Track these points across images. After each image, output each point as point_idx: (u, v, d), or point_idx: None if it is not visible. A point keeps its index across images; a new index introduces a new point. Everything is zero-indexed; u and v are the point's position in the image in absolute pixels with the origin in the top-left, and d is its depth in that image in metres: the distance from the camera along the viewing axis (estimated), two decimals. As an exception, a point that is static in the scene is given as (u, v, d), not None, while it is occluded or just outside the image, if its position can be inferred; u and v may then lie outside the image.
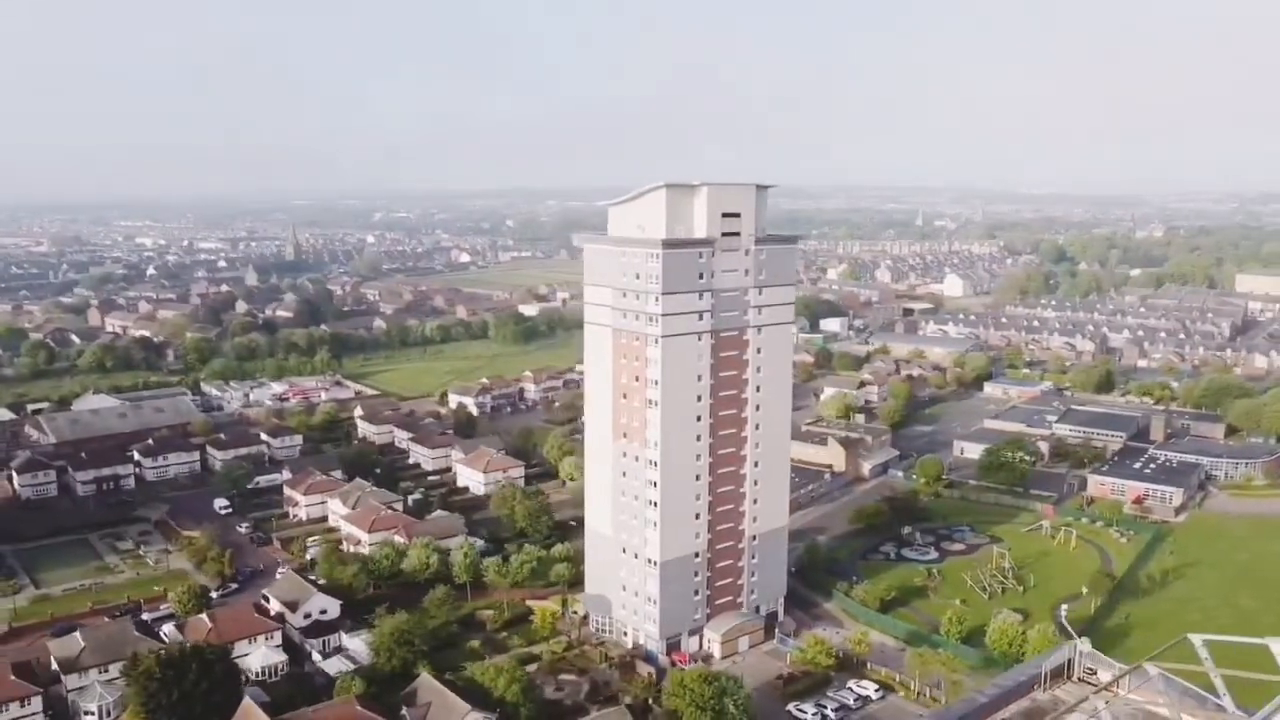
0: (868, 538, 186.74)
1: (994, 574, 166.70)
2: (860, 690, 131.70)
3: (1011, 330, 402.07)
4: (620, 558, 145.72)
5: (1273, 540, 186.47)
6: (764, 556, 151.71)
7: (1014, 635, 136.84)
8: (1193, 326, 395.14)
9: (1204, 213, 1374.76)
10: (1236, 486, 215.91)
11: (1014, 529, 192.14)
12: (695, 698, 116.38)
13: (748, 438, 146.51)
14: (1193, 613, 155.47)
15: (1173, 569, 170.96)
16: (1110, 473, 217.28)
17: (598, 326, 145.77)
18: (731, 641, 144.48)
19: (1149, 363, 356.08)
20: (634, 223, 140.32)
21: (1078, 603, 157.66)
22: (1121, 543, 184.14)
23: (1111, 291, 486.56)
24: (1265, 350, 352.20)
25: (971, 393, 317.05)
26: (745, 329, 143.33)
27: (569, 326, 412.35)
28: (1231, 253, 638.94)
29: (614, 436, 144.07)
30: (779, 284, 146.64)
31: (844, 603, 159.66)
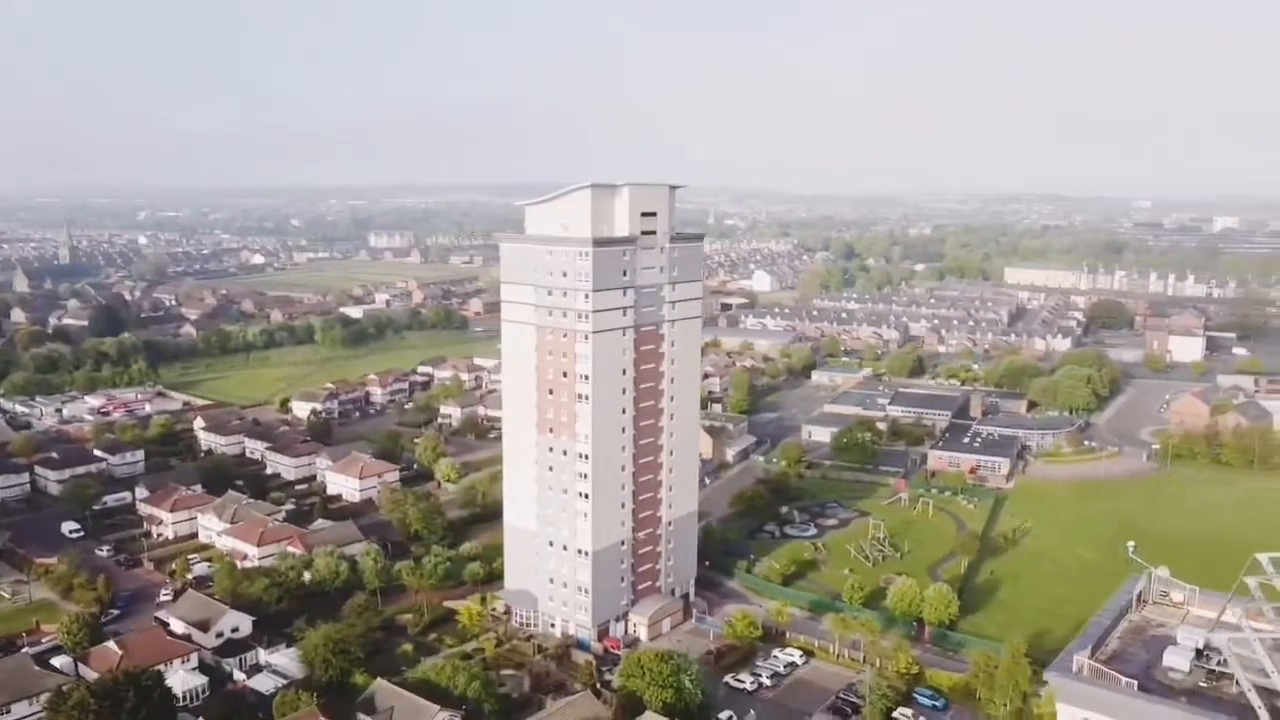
0: (751, 519, 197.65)
1: (873, 543, 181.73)
2: (786, 657, 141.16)
3: (823, 322, 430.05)
4: (547, 550, 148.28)
5: (1091, 499, 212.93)
6: (678, 541, 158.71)
7: (912, 596, 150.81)
8: (977, 315, 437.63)
9: (954, 211, 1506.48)
10: (1049, 454, 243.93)
11: (876, 502, 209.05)
12: (655, 677, 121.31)
13: (664, 428, 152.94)
14: (1045, 565, 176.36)
15: (1017, 529, 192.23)
16: (945, 447, 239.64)
17: (518, 324, 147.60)
18: (656, 624, 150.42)
19: (946, 348, 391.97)
20: (557, 222, 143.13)
21: (950, 562, 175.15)
22: (970, 509, 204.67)
23: (902, 285, 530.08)
24: (1041, 334, 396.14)
25: (801, 381, 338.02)
26: (661, 324, 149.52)
27: (399, 328, 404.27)
28: (994, 248, 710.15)
29: (539, 431, 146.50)
30: (689, 280, 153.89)
31: (746, 580, 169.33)
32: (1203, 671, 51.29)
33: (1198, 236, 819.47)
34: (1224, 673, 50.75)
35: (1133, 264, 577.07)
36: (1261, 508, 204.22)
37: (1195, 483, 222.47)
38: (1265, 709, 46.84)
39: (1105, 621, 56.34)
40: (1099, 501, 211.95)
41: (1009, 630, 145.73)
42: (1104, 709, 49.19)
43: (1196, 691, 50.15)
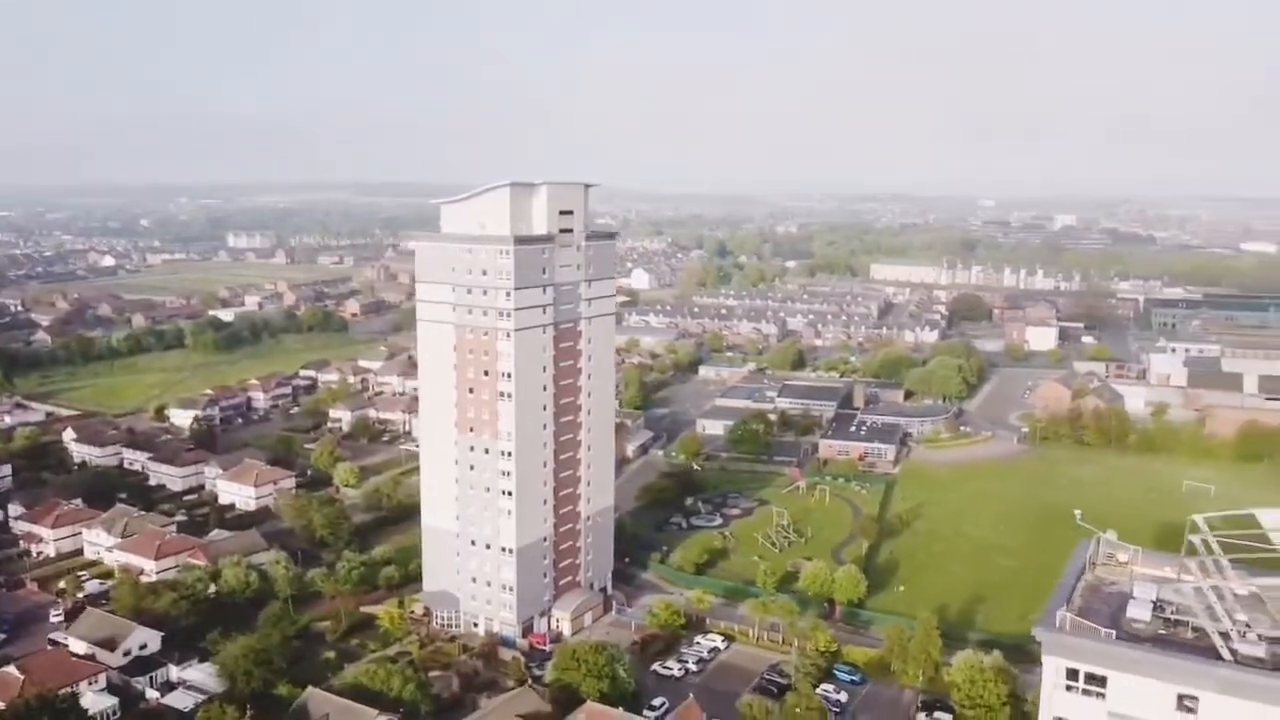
0: (658, 511, 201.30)
1: (777, 530, 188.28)
2: (709, 643, 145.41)
3: (704, 319, 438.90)
4: (469, 550, 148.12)
5: (971, 481, 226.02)
6: (597, 535, 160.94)
7: (823, 578, 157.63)
8: (849, 310, 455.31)
9: (814, 211, 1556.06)
10: (930, 440, 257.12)
11: (775, 491, 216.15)
12: (591, 668, 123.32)
13: (582, 424, 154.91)
14: (938, 543, 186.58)
15: (909, 511, 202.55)
16: (834, 437, 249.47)
17: (436, 324, 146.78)
18: (579, 618, 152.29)
19: (823, 342, 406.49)
20: (474, 220, 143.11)
21: (851, 545, 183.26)
22: (863, 494, 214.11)
23: (775, 281, 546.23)
24: (910, 327, 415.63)
25: (689, 376, 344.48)
26: (579, 321, 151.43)
27: (275, 331, 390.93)
28: (859, 245, 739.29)
29: (459, 431, 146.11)
30: (604, 277, 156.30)
31: (661, 571, 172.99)
32: (1160, 620, 57.16)
33: (1041, 234, 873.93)
34: (1179, 620, 56.75)
35: (987, 259, 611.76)
36: (1122, 482, 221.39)
37: (1062, 462, 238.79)
38: (1224, 648, 52.92)
39: (1070, 582, 61.80)
40: (979, 482, 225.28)
41: (912, 606, 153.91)
42: (1089, 658, 54.33)
43: (1158, 638, 55.92)
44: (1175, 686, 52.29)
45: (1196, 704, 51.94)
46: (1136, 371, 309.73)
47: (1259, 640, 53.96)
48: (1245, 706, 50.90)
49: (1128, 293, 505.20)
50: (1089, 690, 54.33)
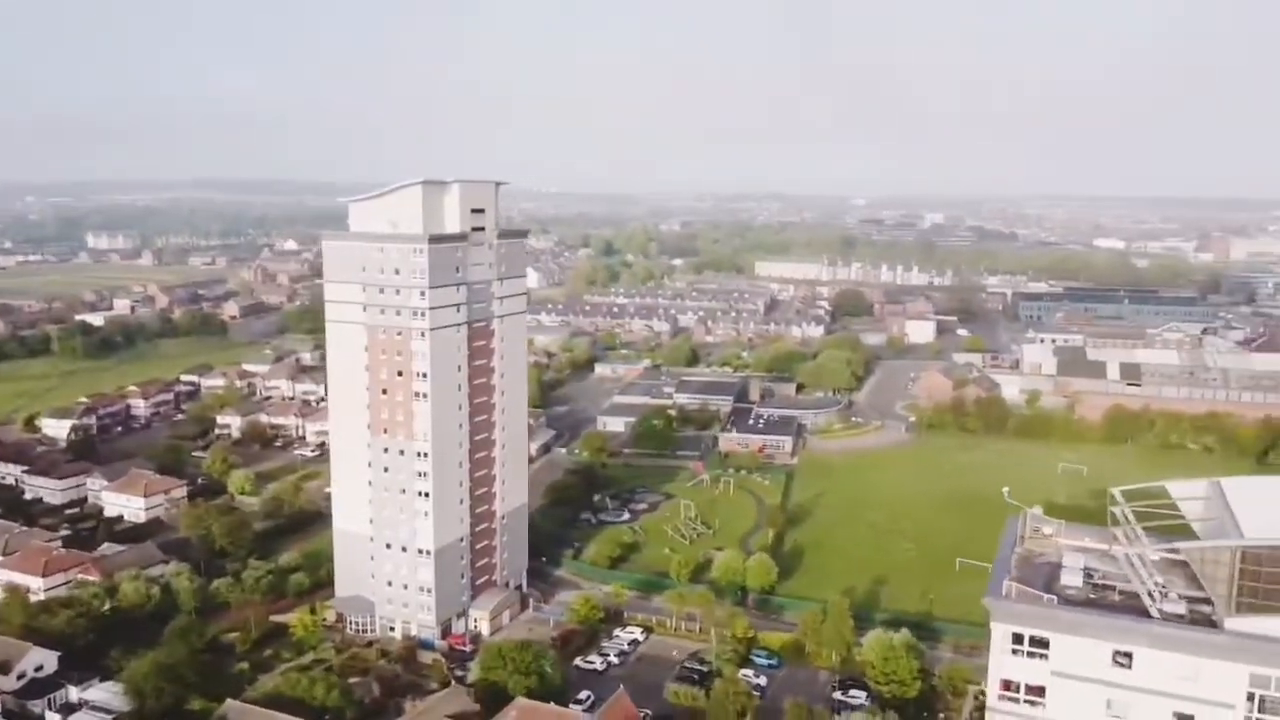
0: (566, 509, 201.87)
1: (686, 523, 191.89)
2: (628, 635, 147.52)
3: (596, 317, 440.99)
4: (384, 553, 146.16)
5: (866, 469, 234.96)
6: (512, 534, 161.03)
7: (736, 567, 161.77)
8: (737, 306, 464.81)
9: (693, 209, 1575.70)
10: (824, 431, 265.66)
11: (680, 485, 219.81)
12: (517, 665, 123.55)
13: (496, 422, 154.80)
14: (839, 530, 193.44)
15: (810, 500, 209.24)
16: (733, 430, 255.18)
17: (346, 324, 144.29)
18: (497, 617, 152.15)
19: (714, 338, 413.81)
20: (385, 219, 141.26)
21: (758, 534, 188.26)
22: (765, 485, 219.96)
23: (664, 279, 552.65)
24: (796, 323, 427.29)
25: (586, 374, 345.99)
26: (491, 319, 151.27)
27: (150, 336, 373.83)
28: (741, 243, 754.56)
29: (373, 433, 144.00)
30: (515, 275, 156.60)
31: (574, 567, 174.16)
32: (1090, 586, 62.00)
33: (913, 231, 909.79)
34: (1106, 585, 61.74)
35: (865, 257, 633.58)
36: (1004, 465, 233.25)
37: (948, 449, 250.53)
38: (1153, 608, 57.97)
39: (1006, 555, 66.22)
40: (873, 470, 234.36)
41: (820, 590, 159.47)
42: (1033, 623, 58.55)
43: (1090, 602, 60.74)
44: (1111, 644, 57.15)
45: (1130, 659, 56.87)
46: (1010, 361, 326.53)
47: (1179, 599, 59.44)
48: (1173, 658, 56.12)
49: (996, 287, 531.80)
50: (1033, 652, 58.69)
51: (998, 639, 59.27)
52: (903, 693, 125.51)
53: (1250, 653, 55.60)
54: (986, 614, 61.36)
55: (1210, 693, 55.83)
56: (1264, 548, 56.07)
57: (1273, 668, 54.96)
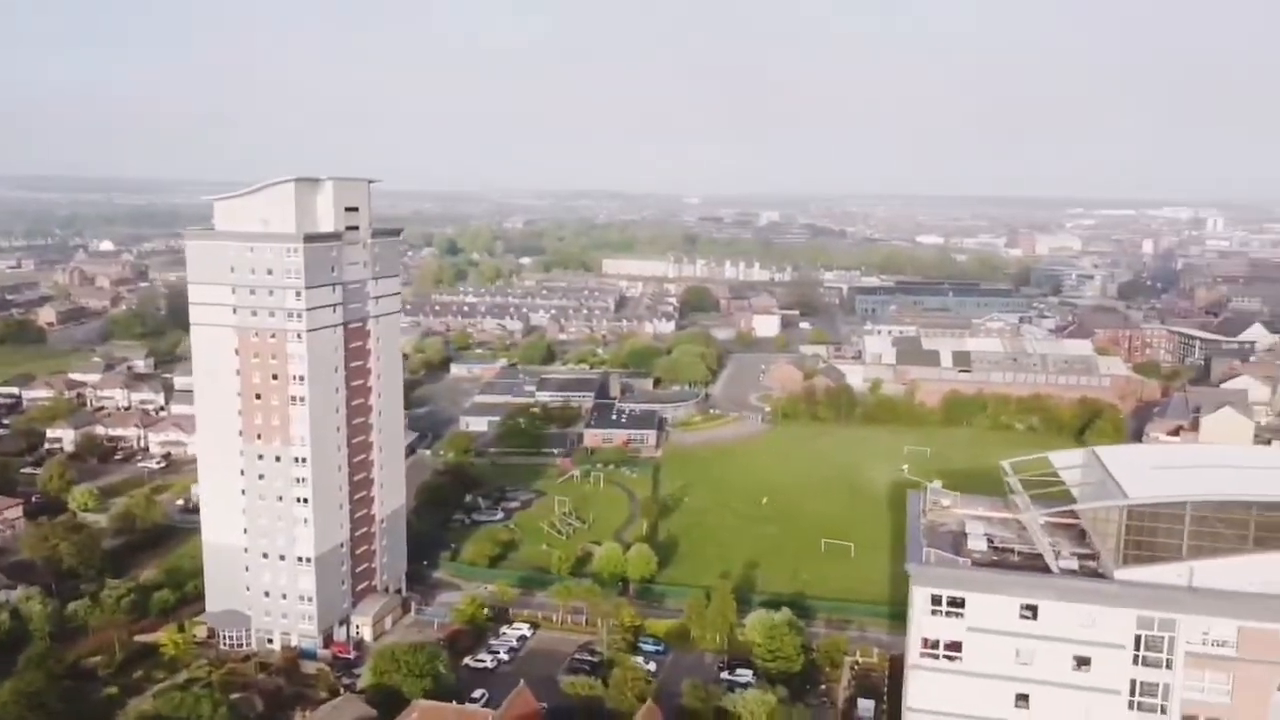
0: (438, 510, 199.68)
1: (560, 518, 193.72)
2: (515, 632, 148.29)
3: (447, 316, 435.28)
4: (260, 563, 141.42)
5: (727, 458, 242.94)
6: (391, 538, 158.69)
7: (617, 559, 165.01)
8: (588, 304, 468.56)
9: (532, 208, 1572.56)
10: (684, 424, 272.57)
11: (550, 482, 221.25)
12: (411, 667, 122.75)
13: (374, 425, 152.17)
14: (709, 517, 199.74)
15: (678, 490, 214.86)
16: (596, 426, 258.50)
17: (213, 327, 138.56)
18: (380, 622, 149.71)
19: (568, 335, 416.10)
20: (255, 217, 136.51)
21: (632, 526, 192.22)
22: (634, 478, 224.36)
23: (513, 278, 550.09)
24: (647, 319, 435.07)
25: (441, 374, 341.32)
26: (367, 320, 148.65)
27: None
28: (587, 241, 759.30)
29: (246, 440, 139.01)
30: (389, 275, 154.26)
31: (452, 568, 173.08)
32: (992, 550, 68.26)
33: (750, 229, 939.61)
34: (1006, 548, 68.19)
35: (708, 253, 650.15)
36: (854, 449, 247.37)
37: (803, 436, 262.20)
38: (1054, 565, 64.55)
39: (916, 526, 71.79)
40: (735, 459, 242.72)
41: (697, 577, 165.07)
42: (951, 584, 64.03)
43: (994, 564, 66.92)
44: (1019, 599, 63.31)
45: (1035, 611, 63.21)
46: (853, 352, 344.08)
47: (1072, 556, 66.36)
48: (1072, 608, 62.83)
49: (833, 282, 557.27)
50: (951, 612, 64.17)
51: (919, 602, 64.52)
52: (788, 668, 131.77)
53: (1136, 599, 63.02)
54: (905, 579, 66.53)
55: (1104, 636, 62.89)
56: (1146, 506, 63.66)
57: (1155, 610, 62.51)
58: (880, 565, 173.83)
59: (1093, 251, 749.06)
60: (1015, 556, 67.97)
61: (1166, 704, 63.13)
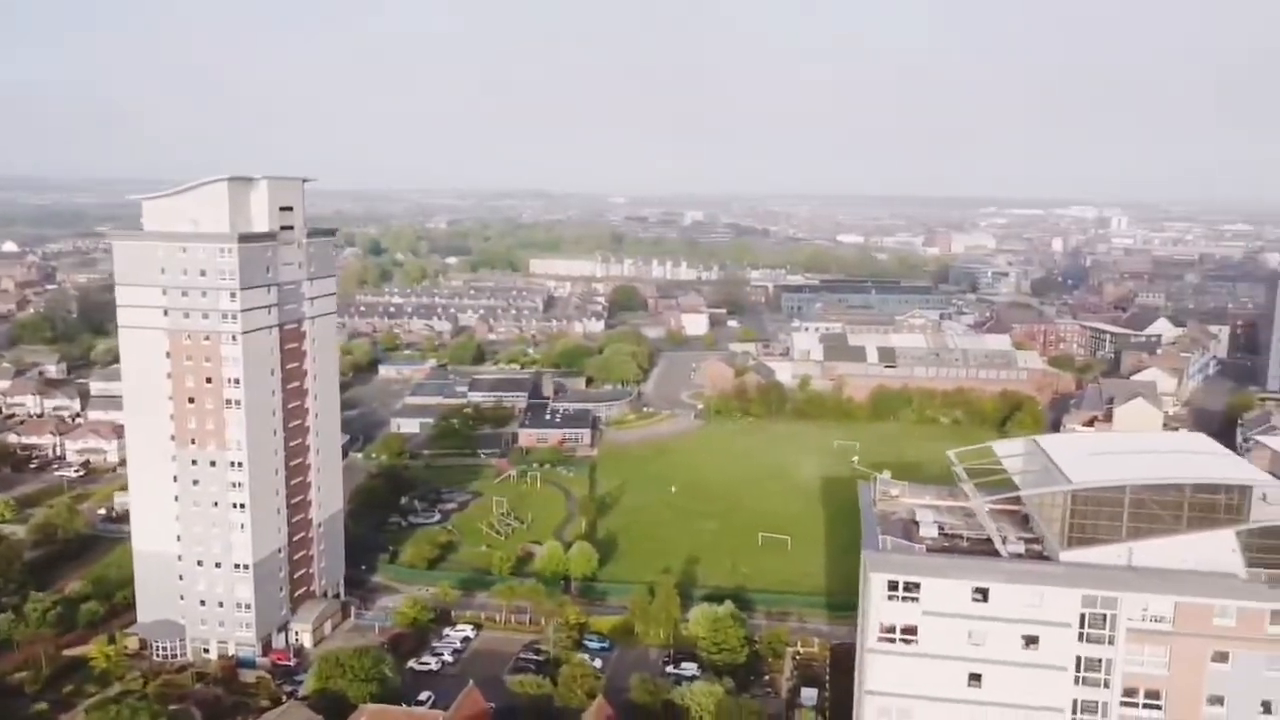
0: (374, 513, 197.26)
1: (499, 519, 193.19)
2: (459, 634, 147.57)
3: (373, 317, 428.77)
4: (195, 571, 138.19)
5: (662, 455, 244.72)
6: (329, 542, 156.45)
7: (559, 558, 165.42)
8: (517, 304, 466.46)
9: (454, 207, 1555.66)
10: (618, 422, 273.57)
11: (486, 482, 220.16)
12: (357, 672, 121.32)
13: (310, 427, 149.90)
14: (647, 514, 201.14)
15: (616, 488, 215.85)
16: (531, 425, 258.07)
17: (143, 330, 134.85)
18: (320, 628, 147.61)
19: (497, 336, 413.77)
20: (185, 217, 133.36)
21: (571, 525, 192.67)
22: (570, 477, 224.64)
23: (439, 278, 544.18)
24: (576, 319, 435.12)
25: (370, 376, 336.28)
26: (302, 321, 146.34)
27: None
28: (513, 241, 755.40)
29: (179, 445, 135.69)
30: (325, 275, 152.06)
31: (391, 571, 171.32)
32: (943, 537, 70.87)
33: (676, 228, 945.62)
34: (955, 535, 70.87)
35: (635, 253, 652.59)
36: (786, 444, 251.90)
37: (736, 432, 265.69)
38: (1003, 549, 67.35)
39: (870, 515, 74.01)
40: (669, 456, 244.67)
41: (638, 573, 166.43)
42: (906, 570, 66.32)
43: (944, 550, 69.51)
44: (971, 582, 65.87)
45: (986, 594, 65.86)
46: (782, 349, 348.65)
47: (1019, 541, 69.33)
48: (1021, 589, 65.71)
49: (758, 280, 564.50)
50: (907, 596, 66.42)
51: (875, 587, 66.69)
52: (732, 659, 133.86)
53: (1081, 579, 66.17)
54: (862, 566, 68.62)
55: (1051, 615, 65.87)
56: (1089, 490, 66.86)
57: (1098, 589, 65.70)
58: (816, 558, 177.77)
59: (1006, 250, 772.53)
60: (965, 542, 70.74)
61: (1109, 678, 66.47)
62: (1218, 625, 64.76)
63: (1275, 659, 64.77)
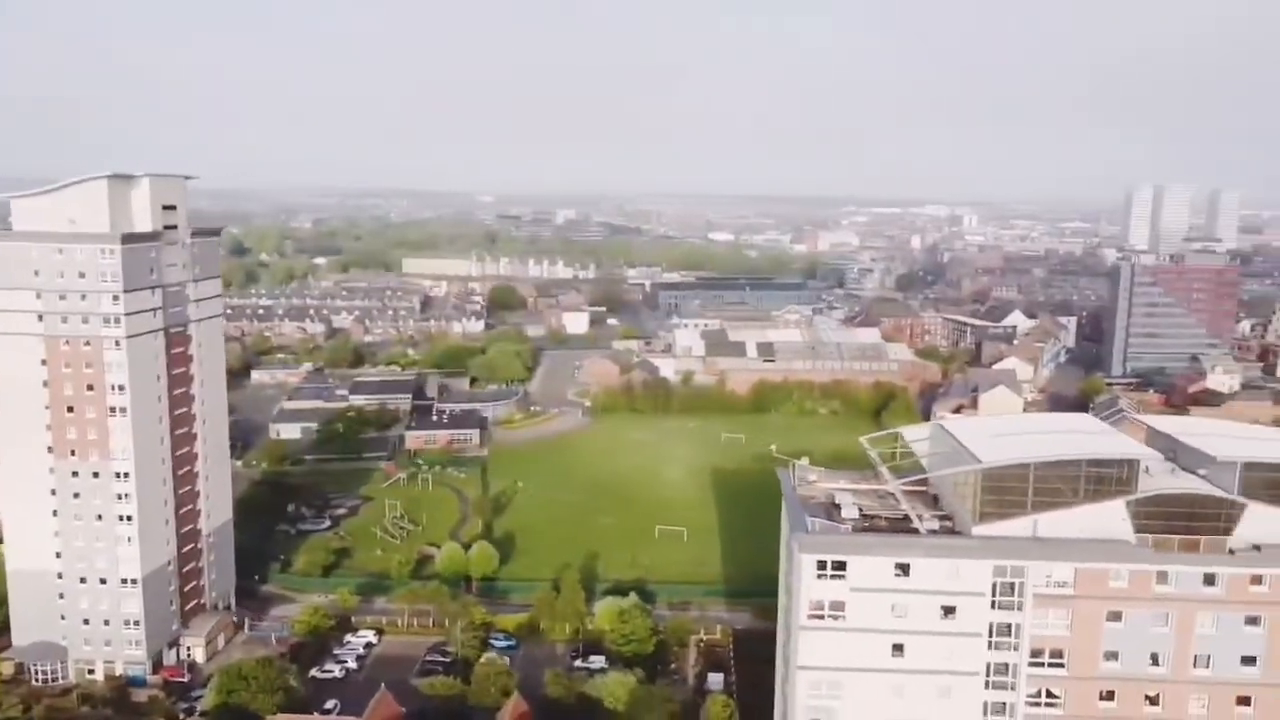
0: (261, 521, 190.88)
1: (393, 522, 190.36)
2: (361, 640, 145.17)
3: (241, 320, 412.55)
4: (78, 589, 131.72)
5: (553, 454, 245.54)
6: (219, 553, 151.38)
7: (459, 558, 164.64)
8: (393, 304, 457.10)
9: (317, 205, 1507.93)
10: (506, 422, 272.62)
11: (376, 486, 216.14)
12: (262, 684, 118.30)
13: (198, 434, 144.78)
14: (542, 512, 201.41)
15: (509, 487, 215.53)
16: (418, 428, 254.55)
17: (15, 336, 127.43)
18: (213, 642, 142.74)
19: (374, 337, 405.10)
20: (61, 216, 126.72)
21: (466, 525, 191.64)
22: (462, 478, 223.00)
23: (309, 279, 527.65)
24: (455, 319, 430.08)
25: (243, 381, 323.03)
26: (188, 324, 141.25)
27: None
28: (384, 240, 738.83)
29: (57, 456, 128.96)
30: (210, 277, 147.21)
31: (284, 580, 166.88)
32: (863, 518, 75.02)
33: (549, 226, 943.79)
34: (873, 515, 75.12)
35: (510, 252, 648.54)
36: (674, 438, 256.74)
37: (624, 428, 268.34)
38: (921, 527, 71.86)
39: (794, 499, 77.42)
40: (560, 454, 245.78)
41: (539, 570, 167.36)
42: (834, 550, 69.97)
43: (867, 529, 73.72)
44: (894, 558, 69.97)
45: (907, 569, 70.15)
46: (663, 345, 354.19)
47: (933, 518, 74.05)
48: (939, 563, 70.27)
49: (635, 279, 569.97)
50: (835, 575, 70.04)
51: (806, 568, 70.06)
52: (640, 650, 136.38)
53: (992, 551, 71.19)
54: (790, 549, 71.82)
55: (966, 586, 70.63)
56: (997, 468, 72.06)
57: (1008, 559, 70.91)
58: (712, 548, 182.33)
59: (869, 247, 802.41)
60: (883, 522, 74.99)
61: (1018, 641, 71.85)
62: (1112, 587, 71.03)
63: (1160, 615, 71.65)
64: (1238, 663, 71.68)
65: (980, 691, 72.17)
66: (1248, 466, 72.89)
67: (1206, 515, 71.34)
